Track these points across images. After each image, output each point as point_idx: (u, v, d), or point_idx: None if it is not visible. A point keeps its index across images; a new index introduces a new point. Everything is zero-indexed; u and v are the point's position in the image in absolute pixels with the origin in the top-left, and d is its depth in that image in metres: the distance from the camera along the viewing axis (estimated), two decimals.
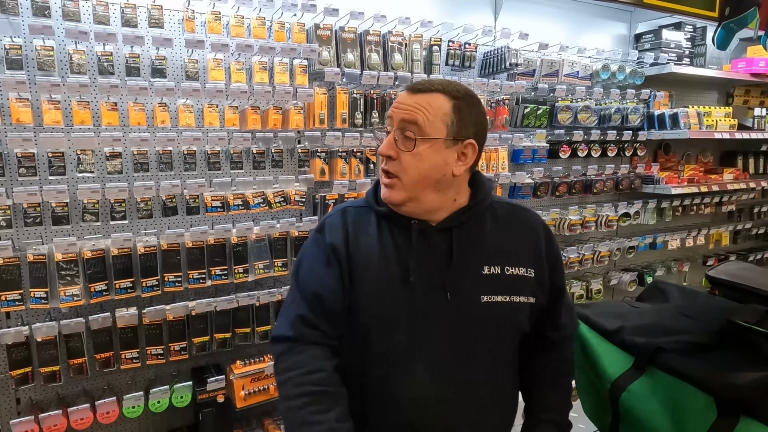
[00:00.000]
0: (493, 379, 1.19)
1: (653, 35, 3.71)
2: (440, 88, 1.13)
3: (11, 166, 2.03)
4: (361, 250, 1.17)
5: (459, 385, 1.14)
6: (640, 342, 1.22)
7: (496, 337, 1.17)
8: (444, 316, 1.13)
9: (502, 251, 1.18)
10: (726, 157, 4.48)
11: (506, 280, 1.16)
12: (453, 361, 1.13)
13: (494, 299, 1.14)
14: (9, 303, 2.01)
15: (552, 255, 1.26)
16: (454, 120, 1.12)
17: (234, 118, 2.33)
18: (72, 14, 1.99)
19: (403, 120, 1.11)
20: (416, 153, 1.10)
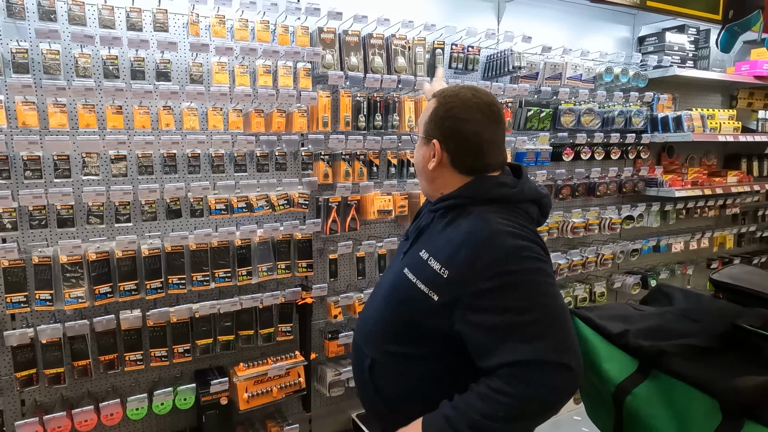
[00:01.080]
0: (381, 333, 1.38)
1: (656, 38, 3.71)
2: (440, 92, 1.35)
3: (17, 168, 2.05)
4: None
5: (366, 317, 1.47)
6: (645, 345, 1.22)
7: (399, 303, 1.34)
8: (391, 271, 1.46)
9: (436, 244, 1.30)
10: (730, 160, 4.47)
11: (424, 265, 1.28)
12: (378, 304, 1.43)
13: (408, 275, 1.32)
14: (14, 305, 2.02)
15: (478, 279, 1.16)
16: (429, 121, 1.35)
17: (238, 121, 2.34)
18: (78, 18, 2.01)
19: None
20: (416, 147, 1.43)
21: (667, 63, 3.57)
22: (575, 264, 3.39)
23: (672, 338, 1.21)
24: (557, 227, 3.36)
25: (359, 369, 1.45)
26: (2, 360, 2.12)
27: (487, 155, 1.31)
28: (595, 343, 1.35)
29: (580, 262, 3.41)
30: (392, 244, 2.76)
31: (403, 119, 2.71)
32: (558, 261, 3.32)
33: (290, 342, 2.64)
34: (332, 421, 2.93)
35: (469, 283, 1.17)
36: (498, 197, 1.28)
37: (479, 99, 1.30)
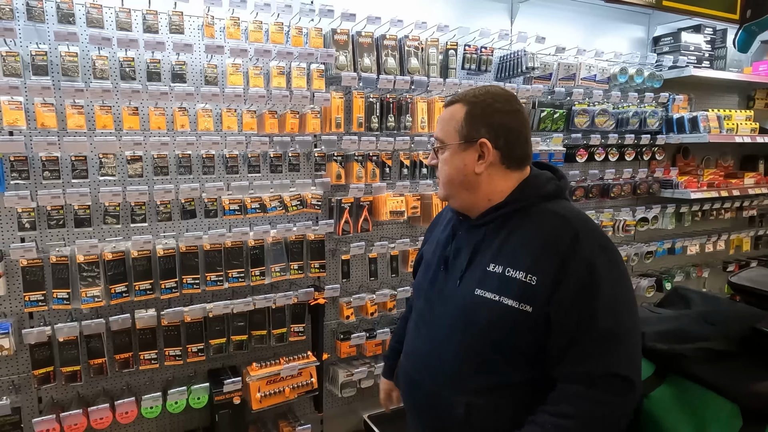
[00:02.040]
0: (468, 367, 1.25)
1: (672, 38, 3.67)
2: (461, 97, 1.29)
3: (36, 169, 2.08)
4: (430, 237, 1.55)
5: (440, 356, 1.30)
6: (662, 348, 1.20)
7: (481, 329, 1.21)
8: (450, 297, 1.30)
9: (509, 253, 1.21)
10: (747, 161, 4.40)
11: (502, 280, 1.19)
12: (445, 337, 1.30)
13: (485, 295, 1.21)
14: (33, 303, 2.05)
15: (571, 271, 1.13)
16: (464, 125, 1.26)
17: (252, 123, 2.35)
18: (96, 21, 2.03)
19: (435, 136, 1.35)
20: (443, 160, 1.31)
21: (683, 63, 3.52)
22: None
23: (690, 341, 1.19)
24: None
25: (445, 418, 1.27)
26: (20, 358, 2.16)
27: (529, 145, 1.31)
28: None
29: None
30: (404, 245, 2.76)
31: (416, 120, 2.71)
32: None
33: (303, 342, 2.65)
34: (344, 422, 2.94)
35: (563, 283, 1.13)
36: (552, 192, 1.26)
37: (505, 91, 1.29)
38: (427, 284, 1.38)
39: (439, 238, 1.43)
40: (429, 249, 1.47)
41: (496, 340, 1.19)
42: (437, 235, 1.46)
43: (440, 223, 1.50)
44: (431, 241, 1.49)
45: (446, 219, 1.46)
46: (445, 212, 1.53)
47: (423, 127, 2.71)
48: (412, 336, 1.43)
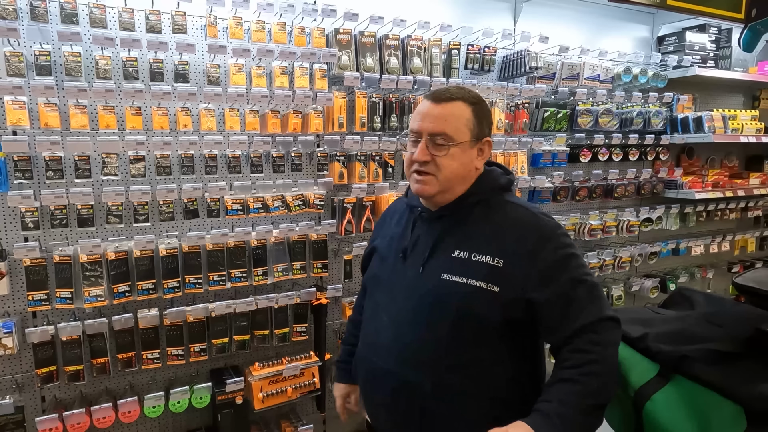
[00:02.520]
0: (439, 351, 1.29)
1: (676, 37, 3.65)
2: (459, 96, 1.33)
3: (39, 169, 2.09)
4: (383, 232, 1.56)
5: (407, 341, 1.34)
6: (666, 349, 1.20)
7: (450, 315, 1.28)
8: (413, 285, 1.36)
9: (475, 240, 1.32)
10: (752, 162, 4.38)
11: (469, 264, 1.29)
12: (411, 323, 1.34)
13: (452, 278, 1.29)
14: (36, 303, 2.06)
15: (544, 259, 1.26)
16: (475, 123, 1.33)
17: (254, 122, 2.35)
18: (99, 21, 2.04)
19: (433, 131, 1.31)
20: (450, 155, 1.31)
21: (688, 63, 3.51)
22: (592, 267, 3.34)
23: (694, 343, 1.18)
24: (574, 229, 3.32)
25: (414, 403, 1.32)
26: (23, 357, 2.16)
27: None
28: None
29: (597, 265, 3.36)
30: None
31: None
32: None
33: (305, 342, 2.65)
34: (346, 422, 2.93)
35: (532, 264, 1.26)
36: (506, 184, 1.41)
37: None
38: (386, 275, 1.45)
39: (393, 231, 1.50)
40: (383, 243, 1.52)
41: (464, 319, 1.28)
42: (391, 230, 1.52)
43: (390, 217, 1.57)
44: (383, 236, 1.54)
45: (398, 213, 1.54)
46: (394, 208, 1.60)
47: None
48: (372, 327, 1.46)
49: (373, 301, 1.48)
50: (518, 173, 3.03)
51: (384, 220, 1.61)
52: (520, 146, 3.00)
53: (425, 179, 1.34)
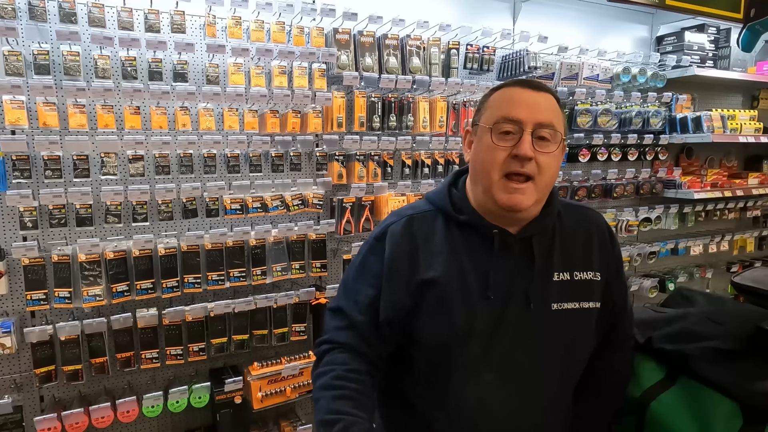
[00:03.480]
0: (562, 393, 1.18)
1: (675, 37, 3.65)
2: (548, 89, 1.12)
3: (38, 168, 2.08)
4: (431, 262, 1.12)
5: (528, 395, 1.11)
6: (669, 349, 1.20)
7: (568, 346, 1.13)
8: (526, 326, 1.10)
9: (570, 256, 1.14)
10: (751, 162, 4.38)
11: (575, 285, 1.13)
12: (529, 372, 1.10)
13: (564, 306, 1.11)
14: (34, 302, 2.05)
15: (616, 256, 1.21)
16: (564, 121, 1.12)
17: (253, 122, 2.35)
18: (97, 20, 2.04)
19: (540, 121, 1.05)
20: (554, 155, 1.07)
21: (687, 63, 3.51)
22: None
23: (696, 341, 1.18)
24: None
25: None
26: (22, 356, 2.16)
27: None
28: None
29: None
30: None
31: (418, 120, 2.71)
32: None
33: (304, 342, 2.65)
34: None
35: (612, 263, 1.20)
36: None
37: None
38: (476, 324, 1.09)
39: (453, 264, 1.11)
40: (441, 284, 1.10)
41: (580, 350, 1.17)
42: (447, 262, 1.11)
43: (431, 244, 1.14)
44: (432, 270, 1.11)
45: (440, 238, 1.14)
46: (419, 229, 1.16)
47: (425, 127, 2.71)
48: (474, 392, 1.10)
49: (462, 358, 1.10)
50: None
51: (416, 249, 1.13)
52: None
53: (524, 187, 1.05)
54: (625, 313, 1.24)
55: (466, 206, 1.14)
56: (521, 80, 1.12)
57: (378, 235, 1.19)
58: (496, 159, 1.05)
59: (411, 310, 1.11)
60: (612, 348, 1.22)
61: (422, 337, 1.11)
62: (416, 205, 1.23)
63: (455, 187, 1.20)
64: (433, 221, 1.17)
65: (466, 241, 1.13)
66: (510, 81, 1.13)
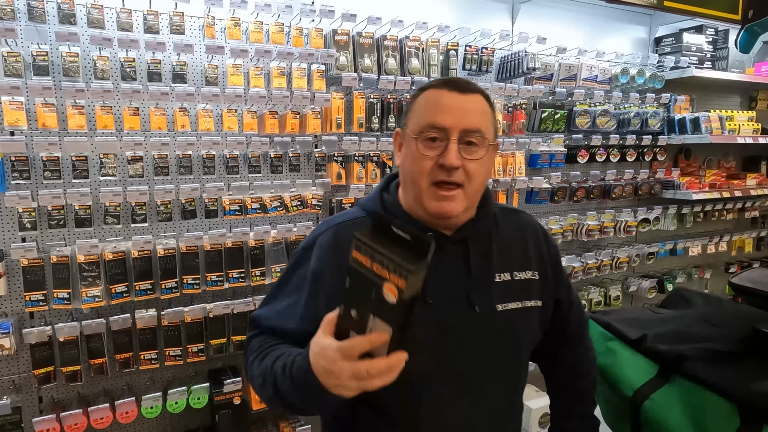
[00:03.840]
0: (516, 395, 1.19)
1: (674, 38, 3.66)
2: (477, 89, 1.08)
3: (37, 169, 2.08)
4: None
5: (487, 403, 1.10)
6: (664, 349, 1.20)
7: (516, 347, 1.15)
8: (473, 331, 1.08)
9: (508, 257, 1.15)
10: (749, 162, 4.39)
11: (516, 285, 1.14)
12: (479, 378, 1.09)
13: (508, 306, 1.11)
14: (33, 303, 2.05)
15: (552, 255, 1.24)
16: (494, 121, 1.11)
17: (252, 123, 2.35)
18: (96, 21, 2.04)
19: (466, 127, 1.02)
20: (481, 162, 1.05)
21: (685, 64, 3.52)
22: (590, 267, 3.35)
23: (692, 342, 1.19)
24: (572, 230, 3.33)
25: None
26: (21, 357, 2.16)
27: None
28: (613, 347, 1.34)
29: (595, 265, 3.37)
30: None
31: None
32: (572, 264, 3.28)
33: None
34: None
35: (550, 263, 1.22)
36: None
37: None
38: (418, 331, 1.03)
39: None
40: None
41: (526, 350, 1.18)
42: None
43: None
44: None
45: None
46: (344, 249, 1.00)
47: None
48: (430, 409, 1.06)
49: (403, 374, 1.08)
50: (516, 174, 3.03)
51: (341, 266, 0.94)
52: (517, 147, 3.00)
53: (454, 194, 1.03)
54: (572, 306, 1.29)
55: (399, 211, 1.12)
56: (448, 81, 1.07)
57: (306, 246, 1.15)
58: (423, 168, 1.03)
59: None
60: (570, 343, 1.29)
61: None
62: (348, 212, 1.20)
63: (387, 192, 1.17)
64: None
65: None
66: (437, 81, 1.09)
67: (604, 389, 1.38)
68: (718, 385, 1.06)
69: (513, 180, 3.01)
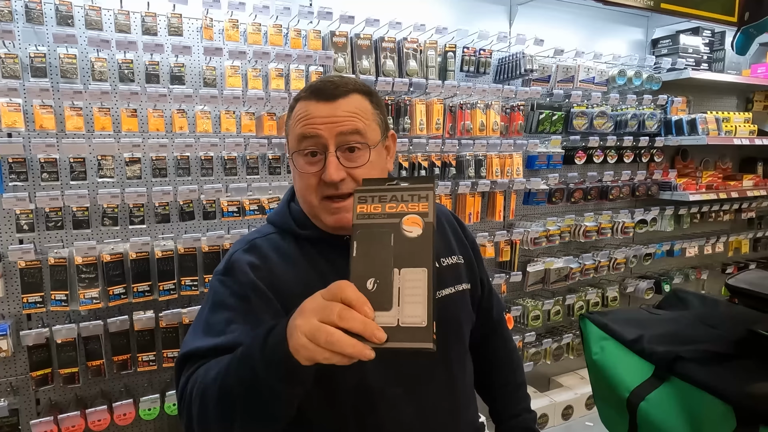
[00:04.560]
0: (468, 385, 1.22)
1: (670, 40, 3.68)
2: (353, 87, 1.03)
3: (34, 171, 2.08)
4: (290, 284, 1.01)
5: (442, 397, 1.10)
6: (660, 350, 1.20)
7: (457, 332, 1.17)
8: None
9: None
10: (746, 164, 4.41)
11: (445, 271, 1.15)
12: (435, 372, 1.08)
13: (443, 293, 1.12)
14: (31, 305, 2.05)
15: (470, 239, 1.29)
16: (379, 116, 1.05)
17: (250, 124, 2.35)
18: (94, 23, 2.04)
19: (341, 133, 0.97)
20: (369, 164, 1.00)
21: (681, 65, 3.53)
22: (587, 268, 3.36)
23: (688, 344, 1.19)
24: (569, 231, 3.34)
25: None
26: (18, 359, 2.16)
27: None
28: (609, 347, 1.34)
29: (593, 266, 3.38)
30: None
31: (415, 122, 2.71)
32: (570, 265, 3.29)
33: None
34: None
35: (470, 247, 1.26)
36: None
37: None
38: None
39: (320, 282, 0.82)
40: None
41: (466, 334, 1.22)
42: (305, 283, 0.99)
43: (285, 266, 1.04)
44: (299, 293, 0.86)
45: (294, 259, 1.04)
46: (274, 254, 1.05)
47: (422, 129, 2.72)
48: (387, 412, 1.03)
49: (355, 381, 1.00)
50: (514, 175, 3.04)
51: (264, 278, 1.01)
52: (515, 148, 3.01)
53: (347, 204, 0.97)
54: (492, 290, 1.34)
55: (308, 221, 1.07)
56: (315, 89, 1.01)
57: (222, 271, 1.06)
58: (310, 185, 0.99)
59: None
60: (497, 327, 1.35)
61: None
62: (259, 229, 1.15)
63: (294, 201, 1.12)
64: (282, 242, 1.08)
65: (321, 254, 1.06)
66: (306, 90, 1.03)
67: (601, 390, 1.39)
68: (714, 387, 1.07)
69: (511, 181, 3.02)
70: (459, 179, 2.86)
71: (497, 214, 3.06)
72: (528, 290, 3.23)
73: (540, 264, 3.17)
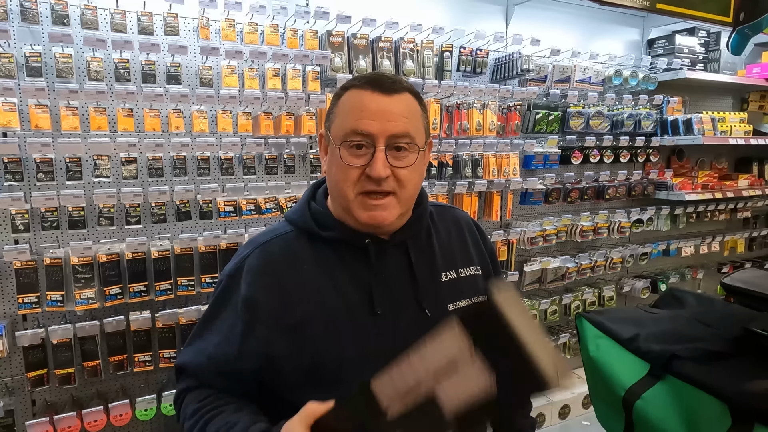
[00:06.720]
0: None
1: (666, 41, 3.69)
2: (407, 86, 1.02)
3: (30, 171, 2.07)
4: (299, 290, 1.00)
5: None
6: (656, 349, 1.21)
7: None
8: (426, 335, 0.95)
9: (451, 254, 1.13)
10: (741, 163, 4.43)
11: (463, 282, 1.12)
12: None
13: (459, 305, 1.08)
14: (26, 305, 2.04)
15: (489, 248, 1.25)
16: (425, 119, 1.04)
17: (247, 124, 2.35)
18: (90, 23, 2.03)
19: (393, 133, 0.96)
20: (414, 167, 0.99)
21: (677, 66, 3.54)
22: (584, 267, 3.36)
23: (684, 342, 1.20)
24: (566, 230, 3.34)
25: None
26: (14, 360, 2.15)
27: None
28: (605, 346, 1.34)
29: (589, 266, 3.39)
30: None
31: None
32: (567, 264, 3.30)
33: None
34: None
35: (491, 261, 1.22)
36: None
37: None
38: (370, 345, 0.98)
39: (328, 287, 1.00)
40: (313, 313, 0.99)
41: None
42: (321, 287, 1.01)
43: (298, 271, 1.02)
44: (307, 300, 0.99)
45: (309, 262, 1.03)
46: (288, 257, 1.04)
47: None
48: None
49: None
50: (510, 175, 3.04)
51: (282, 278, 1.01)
52: (512, 148, 3.02)
53: (385, 202, 0.97)
54: None
55: (330, 220, 1.05)
56: (372, 79, 0.99)
57: (232, 272, 1.04)
58: (350, 178, 0.97)
59: (286, 353, 0.97)
60: None
61: (311, 376, 0.97)
62: (275, 227, 1.11)
63: (315, 200, 1.11)
64: (296, 243, 1.05)
65: (339, 258, 1.03)
66: (360, 80, 1.00)
67: (598, 389, 1.39)
68: (709, 385, 1.07)
69: (507, 181, 3.02)
70: (456, 179, 2.87)
71: (494, 213, 3.07)
72: (525, 290, 3.24)
73: (537, 264, 3.18)
